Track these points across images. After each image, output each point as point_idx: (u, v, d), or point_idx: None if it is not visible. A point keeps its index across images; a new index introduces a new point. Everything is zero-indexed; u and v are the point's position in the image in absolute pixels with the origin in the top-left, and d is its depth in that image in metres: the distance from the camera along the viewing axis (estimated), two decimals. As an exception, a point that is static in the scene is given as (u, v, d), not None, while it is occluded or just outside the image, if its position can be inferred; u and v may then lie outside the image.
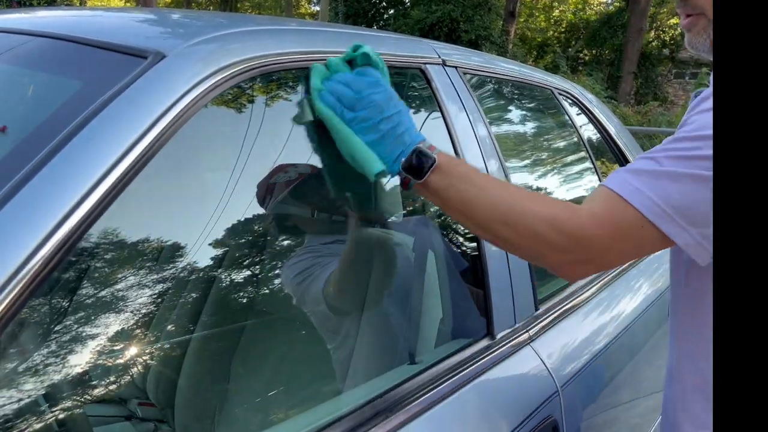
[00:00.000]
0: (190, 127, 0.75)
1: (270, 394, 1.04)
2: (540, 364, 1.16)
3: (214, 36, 0.88)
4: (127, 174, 0.64)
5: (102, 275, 0.79)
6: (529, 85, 1.73)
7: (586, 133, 1.92)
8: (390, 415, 0.88)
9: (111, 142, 0.65)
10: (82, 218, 0.59)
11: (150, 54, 0.79)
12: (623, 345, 1.46)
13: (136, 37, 0.87)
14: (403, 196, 1.17)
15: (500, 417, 1.03)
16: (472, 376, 1.04)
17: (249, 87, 0.91)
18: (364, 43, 0.95)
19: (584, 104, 1.95)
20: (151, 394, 1.05)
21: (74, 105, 0.69)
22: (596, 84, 13.14)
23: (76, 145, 0.63)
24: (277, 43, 0.95)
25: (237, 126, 0.90)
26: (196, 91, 0.76)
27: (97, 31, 0.92)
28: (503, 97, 1.66)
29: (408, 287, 1.19)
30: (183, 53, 0.81)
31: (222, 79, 0.81)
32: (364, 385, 0.97)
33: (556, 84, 1.84)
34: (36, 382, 0.66)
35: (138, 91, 0.71)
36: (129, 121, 0.68)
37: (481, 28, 15.32)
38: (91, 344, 0.77)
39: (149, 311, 0.87)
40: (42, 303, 0.67)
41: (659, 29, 18.12)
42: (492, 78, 1.55)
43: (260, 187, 0.97)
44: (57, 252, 0.57)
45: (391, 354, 1.12)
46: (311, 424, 0.83)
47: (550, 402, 1.13)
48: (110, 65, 0.79)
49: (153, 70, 0.76)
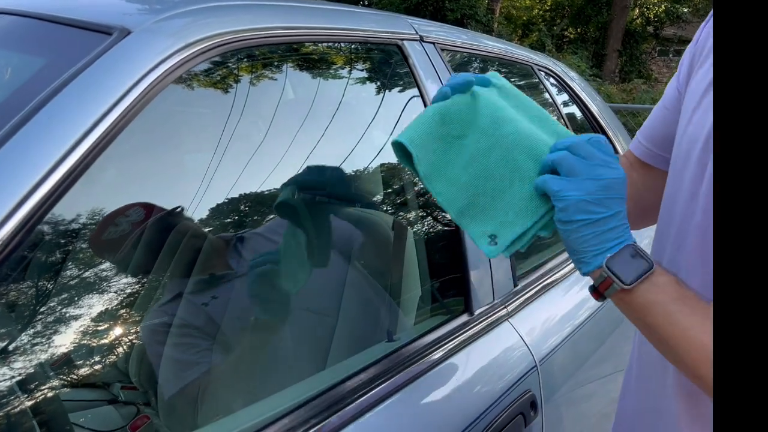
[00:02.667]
0: (156, 104, 0.74)
1: (251, 373, 1.04)
2: (518, 340, 1.17)
3: (183, 11, 0.86)
4: (90, 153, 0.63)
5: (71, 258, 0.78)
6: (509, 61, 1.71)
7: (567, 109, 1.92)
8: (367, 392, 0.88)
9: (72, 121, 0.63)
10: (42, 199, 0.58)
11: (115, 30, 0.77)
12: (602, 319, 1.47)
13: (102, 14, 0.84)
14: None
15: (478, 392, 1.04)
16: (450, 352, 1.04)
17: (219, 63, 0.89)
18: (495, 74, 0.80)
19: (565, 81, 1.95)
20: (133, 377, 1.04)
21: (36, 83, 0.68)
22: (581, 62, 13.12)
23: (36, 125, 0.61)
24: (250, 18, 0.93)
25: (207, 103, 0.88)
26: (163, 68, 0.74)
27: (64, 8, 0.90)
28: (483, 74, 1.65)
29: (387, 266, 1.19)
30: (150, 29, 0.79)
31: (190, 54, 0.80)
32: (340, 364, 0.97)
33: (536, 60, 1.83)
34: (10, 367, 0.66)
35: (101, 68, 0.70)
36: (92, 99, 0.66)
37: (467, 6, 15.17)
38: (70, 329, 0.77)
39: (128, 294, 0.86)
40: (12, 286, 0.66)
41: (643, 6, 18.06)
42: (471, 54, 1.53)
43: (94, 242, 0.80)
44: (16, 234, 0.56)
45: (370, 332, 1.12)
46: (292, 400, 0.83)
47: (528, 377, 1.13)
48: (75, 42, 0.77)
49: (117, 47, 0.74)
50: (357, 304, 1.14)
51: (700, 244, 0.69)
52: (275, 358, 1.05)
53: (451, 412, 0.98)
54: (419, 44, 1.26)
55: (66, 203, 0.62)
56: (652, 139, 0.89)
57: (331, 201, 1.09)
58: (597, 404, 1.48)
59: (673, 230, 0.76)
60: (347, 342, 1.07)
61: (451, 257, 1.19)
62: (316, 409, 0.82)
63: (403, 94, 1.20)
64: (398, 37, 1.22)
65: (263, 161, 0.98)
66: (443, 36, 1.37)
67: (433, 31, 1.35)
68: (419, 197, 1.26)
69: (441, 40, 1.35)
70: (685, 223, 0.73)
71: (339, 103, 1.14)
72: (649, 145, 0.90)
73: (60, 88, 0.66)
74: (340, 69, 1.17)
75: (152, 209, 0.86)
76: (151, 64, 0.74)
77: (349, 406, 0.85)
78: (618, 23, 15.77)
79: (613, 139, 2.03)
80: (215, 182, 0.89)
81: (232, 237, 1.04)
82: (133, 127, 0.69)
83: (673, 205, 0.76)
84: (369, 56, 1.22)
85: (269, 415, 0.79)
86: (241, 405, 0.90)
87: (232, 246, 1.04)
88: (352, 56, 1.19)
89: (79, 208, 0.69)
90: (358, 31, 1.15)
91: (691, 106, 0.74)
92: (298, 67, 1.08)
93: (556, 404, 1.22)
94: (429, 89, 1.20)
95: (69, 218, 0.67)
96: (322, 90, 1.12)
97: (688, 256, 0.71)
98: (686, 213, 0.72)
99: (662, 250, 0.79)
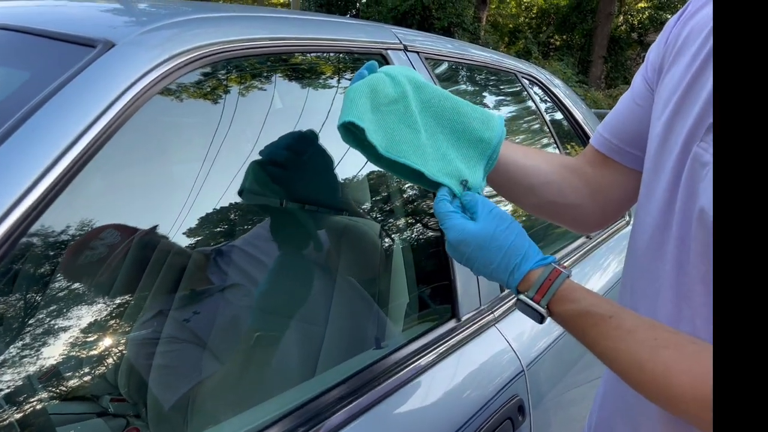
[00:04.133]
0: (141, 116, 0.74)
1: (240, 384, 1.04)
2: (505, 345, 1.18)
3: (168, 23, 0.87)
4: (74, 166, 0.63)
5: (58, 270, 0.78)
6: (493, 69, 1.73)
7: (551, 117, 1.94)
8: (354, 400, 0.89)
9: (56, 134, 0.63)
10: (26, 212, 0.58)
11: (99, 43, 0.77)
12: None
13: (87, 27, 0.85)
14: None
15: (466, 397, 1.04)
16: (438, 358, 1.05)
17: (205, 74, 0.90)
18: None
19: (549, 88, 1.97)
20: (122, 389, 1.04)
21: (20, 96, 0.68)
22: (567, 69, 13.24)
23: (19, 139, 0.62)
24: (235, 29, 0.94)
25: (192, 114, 0.89)
26: (146, 80, 0.75)
27: (49, 21, 0.90)
28: (467, 82, 1.67)
29: (375, 273, 1.20)
30: (134, 41, 0.80)
31: (175, 66, 0.80)
32: (327, 372, 0.97)
33: (520, 68, 1.85)
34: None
35: (84, 81, 0.70)
36: (75, 112, 0.67)
37: (454, 15, 15.29)
38: (57, 341, 0.77)
39: (116, 305, 0.86)
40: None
41: (627, 13, 18.26)
42: (455, 63, 1.55)
43: (66, 269, 0.79)
44: (1, 245, 0.56)
45: (359, 340, 1.12)
46: (279, 409, 0.84)
47: (515, 382, 1.14)
48: (59, 56, 0.78)
49: (101, 60, 0.74)
50: (346, 312, 1.14)
51: (676, 254, 0.69)
52: (264, 369, 1.05)
53: (439, 417, 0.99)
54: (403, 53, 1.28)
55: (50, 216, 0.63)
56: (619, 135, 0.86)
57: (320, 210, 1.10)
58: (585, 408, 1.48)
59: (646, 237, 0.75)
60: (336, 351, 1.07)
61: (437, 264, 1.20)
62: (303, 417, 0.83)
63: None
64: (382, 47, 1.23)
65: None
66: (427, 45, 1.39)
67: (417, 41, 1.36)
68: (406, 204, 1.27)
69: (425, 49, 1.36)
70: (659, 233, 0.72)
71: (327, 113, 1.15)
72: (616, 141, 0.86)
73: (43, 102, 0.66)
74: (325, 79, 1.18)
75: (126, 230, 0.86)
76: (135, 77, 0.75)
77: (335, 415, 0.85)
78: (603, 30, 15.93)
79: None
80: (201, 193, 0.90)
81: (211, 251, 1.04)
82: (116, 139, 0.70)
83: (646, 216, 0.75)
84: (354, 66, 1.23)
85: (256, 425, 0.80)
86: (231, 416, 0.90)
87: (211, 260, 1.04)
88: (338, 66, 1.20)
89: (64, 221, 0.69)
90: (342, 41, 1.16)
91: (662, 108, 0.73)
92: (285, 77, 1.09)
93: (544, 409, 1.23)
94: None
95: (54, 231, 0.67)
96: (309, 100, 1.13)
97: (665, 265, 0.71)
98: (660, 223, 0.72)
99: (636, 260, 0.78)
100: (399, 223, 1.25)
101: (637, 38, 18.12)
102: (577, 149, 2.05)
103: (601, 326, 0.67)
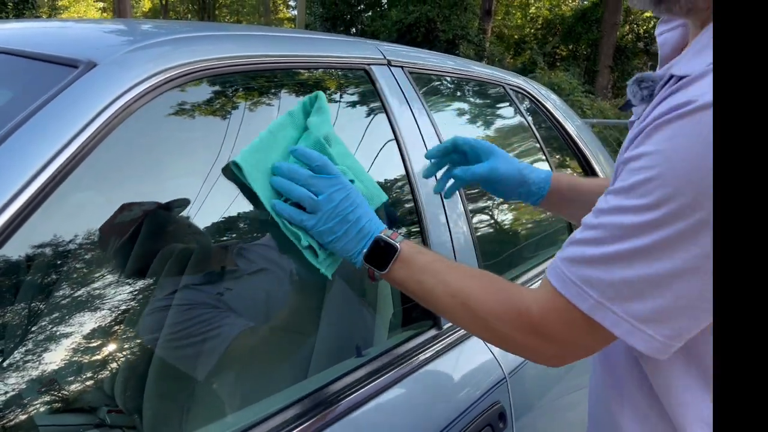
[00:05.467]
0: (120, 133, 0.78)
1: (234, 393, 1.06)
2: (487, 352, 1.20)
3: (151, 43, 0.90)
4: (50, 183, 0.66)
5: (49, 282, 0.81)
6: (480, 81, 1.76)
7: (541, 130, 1.96)
8: (334, 406, 0.91)
9: (33, 152, 0.67)
10: (2, 225, 0.61)
11: (81, 63, 0.81)
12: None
13: (70, 47, 0.89)
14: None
15: (445, 404, 1.06)
16: (418, 366, 1.07)
17: (183, 92, 0.93)
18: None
19: (539, 100, 1.99)
20: (119, 400, 1.06)
21: (1, 116, 0.72)
22: (573, 79, 13.25)
23: (0, 154, 0.65)
24: (218, 47, 0.98)
25: (172, 130, 0.92)
26: (124, 99, 0.78)
27: (35, 43, 0.94)
28: (453, 96, 1.70)
29: (362, 282, 1.22)
30: (116, 61, 0.83)
31: (155, 84, 0.84)
32: (306, 380, 1.00)
33: (508, 80, 1.88)
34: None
35: (65, 100, 0.74)
36: (54, 130, 0.70)
37: (458, 27, 15.39)
38: (53, 353, 0.79)
39: (112, 317, 0.88)
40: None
41: (633, 23, 18.29)
42: (440, 76, 1.58)
43: (104, 230, 0.84)
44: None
45: (347, 349, 1.14)
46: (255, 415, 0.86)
47: (497, 389, 1.16)
48: (42, 75, 0.81)
49: (83, 79, 0.78)
50: (336, 321, 1.16)
51: None
52: (253, 381, 1.07)
53: (417, 424, 1.01)
54: (387, 68, 1.31)
55: (31, 226, 0.66)
56: None
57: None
58: (577, 415, 1.49)
59: None
60: (325, 360, 1.09)
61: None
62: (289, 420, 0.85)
63: (370, 118, 1.24)
64: (365, 62, 1.26)
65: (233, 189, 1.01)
66: (411, 60, 1.42)
67: (401, 55, 1.39)
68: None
69: (409, 63, 1.39)
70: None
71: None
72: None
73: (23, 122, 0.70)
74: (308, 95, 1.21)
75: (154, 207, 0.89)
76: (114, 95, 0.78)
77: (310, 420, 0.88)
78: (608, 40, 15.96)
79: (591, 159, 2.04)
80: (188, 209, 0.93)
81: (232, 244, 1.06)
82: (95, 156, 0.73)
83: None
84: (337, 82, 1.26)
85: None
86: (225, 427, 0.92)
87: (234, 250, 1.06)
88: (322, 82, 1.23)
89: (44, 232, 0.72)
90: (325, 57, 1.19)
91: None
92: (268, 94, 1.12)
93: (527, 416, 1.24)
94: (396, 113, 1.25)
95: (34, 243, 0.71)
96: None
97: None
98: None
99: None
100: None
101: (644, 47, 18.12)
102: (568, 161, 2.06)
103: (437, 265, 0.84)
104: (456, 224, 1.28)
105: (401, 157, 1.21)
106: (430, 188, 1.24)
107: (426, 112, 1.33)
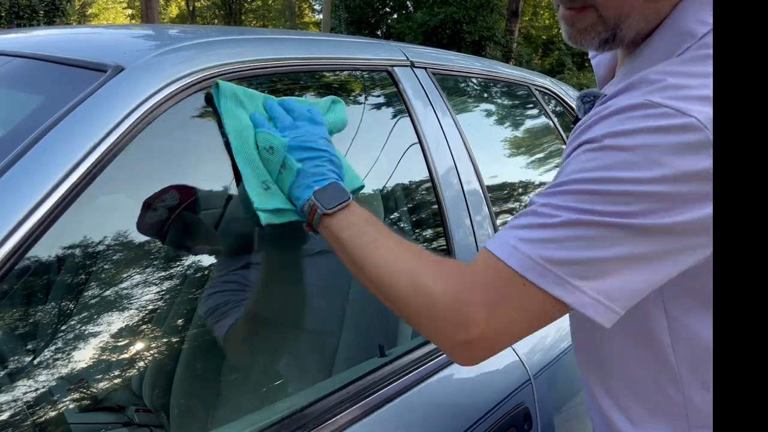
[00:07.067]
0: (146, 136, 0.79)
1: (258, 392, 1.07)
2: (511, 353, 1.19)
3: (178, 47, 0.92)
4: (79, 184, 0.68)
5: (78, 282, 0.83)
6: (505, 82, 1.75)
7: (568, 131, 1.94)
8: (354, 405, 0.91)
9: (63, 154, 0.69)
10: (34, 225, 0.63)
11: (109, 67, 0.83)
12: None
13: (98, 52, 0.91)
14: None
15: (468, 405, 1.06)
16: (441, 365, 1.07)
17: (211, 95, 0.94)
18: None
19: (565, 100, 1.98)
20: (146, 399, 1.08)
21: (33, 120, 0.74)
22: (601, 79, 13.08)
23: (31, 158, 0.67)
24: (241, 51, 0.99)
25: (198, 133, 0.94)
26: (151, 102, 0.80)
27: (65, 49, 0.97)
28: (477, 96, 1.69)
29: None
30: (142, 65, 0.85)
31: (181, 87, 0.85)
32: (330, 379, 1.00)
33: (533, 81, 1.87)
34: (25, 390, 0.70)
35: (93, 103, 0.76)
36: (82, 132, 0.72)
37: (485, 28, 15.34)
38: (83, 353, 0.81)
39: (141, 317, 0.90)
40: (16, 311, 0.71)
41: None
42: (464, 77, 1.58)
43: (140, 226, 0.86)
44: (11, 257, 0.61)
45: (371, 349, 1.15)
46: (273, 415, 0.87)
47: (521, 390, 1.15)
48: (72, 80, 0.84)
49: (110, 83, 0.80)
50: (359, 321, 1.17)
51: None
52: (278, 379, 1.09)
53: (441, 425, 1.00)
54: (410, 70, 1.31)
55: (60, 226, 0.68)
56: None
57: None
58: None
59: None
60: (349, 360, 1.10)
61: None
62: (301, 421, 0.86)
63: (394, 120, 1.25)
64: (388, 64, 1.27)
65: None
66: (434, 61, 1.42)
67: (424, 57, 1.39)
68: (411, 214, 1.30)
69: (432, 65, 1.39)
70: None
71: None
72: None
73: (55, 124, 0.72)
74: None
75: (188, 191, 0.91)
76: (141, 98, 0.80)
77: (335, 417, 0.88)
78: (637, 39, 15.75)
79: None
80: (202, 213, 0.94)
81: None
82: (121, 158, 0.75)
83: None
84: (361, 83, 1.27)
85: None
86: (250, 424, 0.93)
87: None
88: (345, 84, 1.24)
89: (74, 232, 0.74)
90: (349, 59, 1.20)
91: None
92: (292, 96, 1.13)
93: (553, 417, 1.23)
94: (420, 114, 1.25)
95: (64, 244, 0.72)
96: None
97: None
98: None
99: None
100: (406, 229, 1.27)
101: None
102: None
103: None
104: (481, 227, 1.28)
105: (424, 159, 1.22)
106: (453, 190, 1.24)
107: (450, 114, 1.33)
